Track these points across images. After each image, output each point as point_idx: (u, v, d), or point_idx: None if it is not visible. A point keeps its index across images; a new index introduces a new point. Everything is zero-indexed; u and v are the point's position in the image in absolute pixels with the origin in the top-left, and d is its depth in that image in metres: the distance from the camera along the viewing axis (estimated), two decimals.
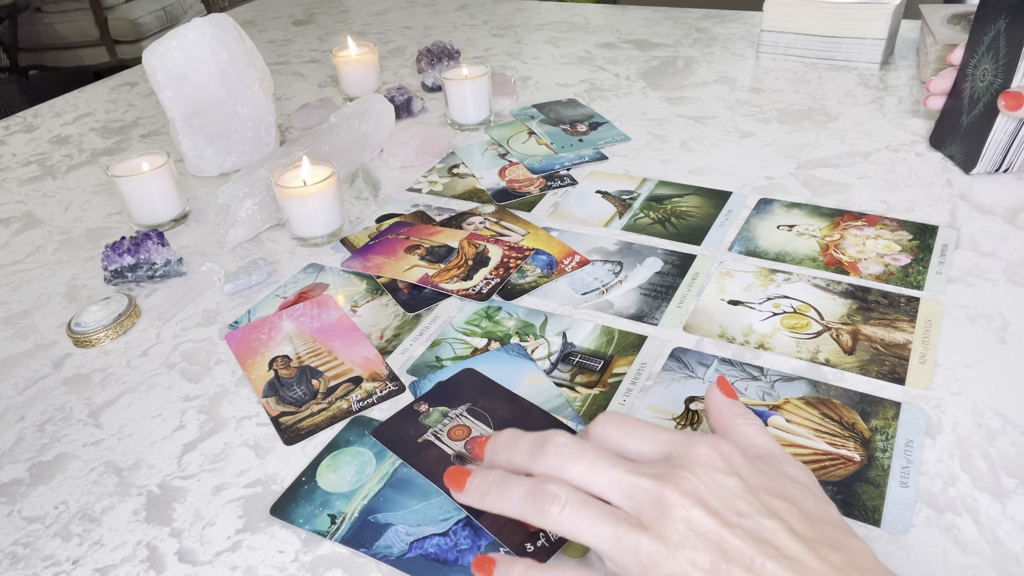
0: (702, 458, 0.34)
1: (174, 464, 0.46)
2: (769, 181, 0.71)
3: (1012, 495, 0.40)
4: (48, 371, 0.55)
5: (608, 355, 0.51)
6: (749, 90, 0.91)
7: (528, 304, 0.57)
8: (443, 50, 1.02)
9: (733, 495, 0.32)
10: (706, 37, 1.11)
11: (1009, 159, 0.67)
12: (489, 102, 0.87)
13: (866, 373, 0.48)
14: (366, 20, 1.35)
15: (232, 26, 0.79)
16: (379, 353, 0.53)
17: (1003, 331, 0.50)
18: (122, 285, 0.64)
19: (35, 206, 0.80)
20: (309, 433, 0.47)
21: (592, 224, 0.67)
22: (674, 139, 0.81)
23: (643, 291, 0.57)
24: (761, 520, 0.32)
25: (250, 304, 0.60)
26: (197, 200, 0.78)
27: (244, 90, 0.80)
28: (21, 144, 0.96)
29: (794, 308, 0.54)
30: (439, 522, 0.41)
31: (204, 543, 0.41)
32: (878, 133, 0.78)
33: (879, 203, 0.66)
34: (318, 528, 0.41)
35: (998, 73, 0.63)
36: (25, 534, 0.43)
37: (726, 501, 0.32)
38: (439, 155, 0.82)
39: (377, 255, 0.64)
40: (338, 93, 1.02)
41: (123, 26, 3.29)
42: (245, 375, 0.53)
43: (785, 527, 0.32)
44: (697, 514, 0.31)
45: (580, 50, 1.11)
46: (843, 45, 0.95)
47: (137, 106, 1.05)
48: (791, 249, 0.61)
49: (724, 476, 0.33)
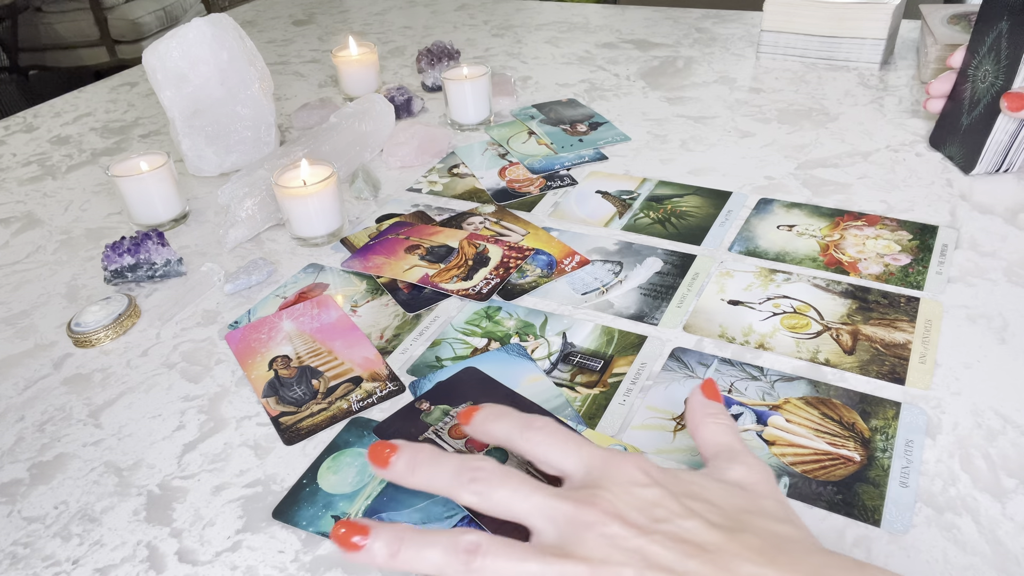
0: (621, 475, 0.34)
1: (174, 464, 0.46)
2: (769, 181, 0.71)
3: (1012, 495, 0.40)
4: (48, 371, 0.55)
5: (608, 355, 0.51)
6: (749, 90, 0.91)
7: (528, 304, 0.57)
8: (443, 50, 1.02)
9: (652, 504, 0.33)
10: (706, 37, 1.11)
11: (1009, 159, 0.67)
12: (489, 102, 0.87)
13: (866, 373, 0.48)
14: (366, 20, 1.35)
15: (232, 26, 0.79)
16: (379, 353, 0.53)
17: (1003, 331, 0.50)
18: (122, 285, 0.64)
19: (35, 206, 0.80)
20: (309, 433, 0.47)
21: (592, 224, 0.67)
22: (674, 139, 0.81)
23: (643, 291, 0.57)
24: (680, 522, 0.32)
25: (250, 304, 0.60)
26: (197, 200, 0.78)
27: (244, 90, 0.80)
28: (21, 144, 0.96)
29: (794, 308, 0.54)
30: (444, 519, 0.41)
31: (204, 543, 0.41)
32: (878, 133, 0.78)
33: (879, 203, 0.66)
34: (322, 529, 0.41)
35: (999, 74, 0.63)
36: (25, 534, 0.43)
37: (645, 511, 0.32)
38: (439, 155, 0.82)
39: (377, 255, 0.64)
40: (338, 93, 1.02)
41: (123, 26, 3.29)
42: (245, 375, 0.53)
43: (704, 523, 0.32)
44: (615, 528, 0.32)
45: (580, 50, 1.11)
46: (843, 45, 0.95)
47: (137, 106, 1.05)
48: (791, 249, 0.61)
49: (642, 488, 0.33)
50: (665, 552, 0.31)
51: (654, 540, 0.31)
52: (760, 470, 0.36)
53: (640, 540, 0.31)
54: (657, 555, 0.31)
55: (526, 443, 0.37)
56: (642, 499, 0.33)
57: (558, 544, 0.32)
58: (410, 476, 0.36)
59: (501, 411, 0.39)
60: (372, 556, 0.33)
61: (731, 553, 0.31)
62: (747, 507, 0.33)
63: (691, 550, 0.31)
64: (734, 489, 0.34)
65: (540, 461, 0.37)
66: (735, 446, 0.37)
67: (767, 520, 0.33)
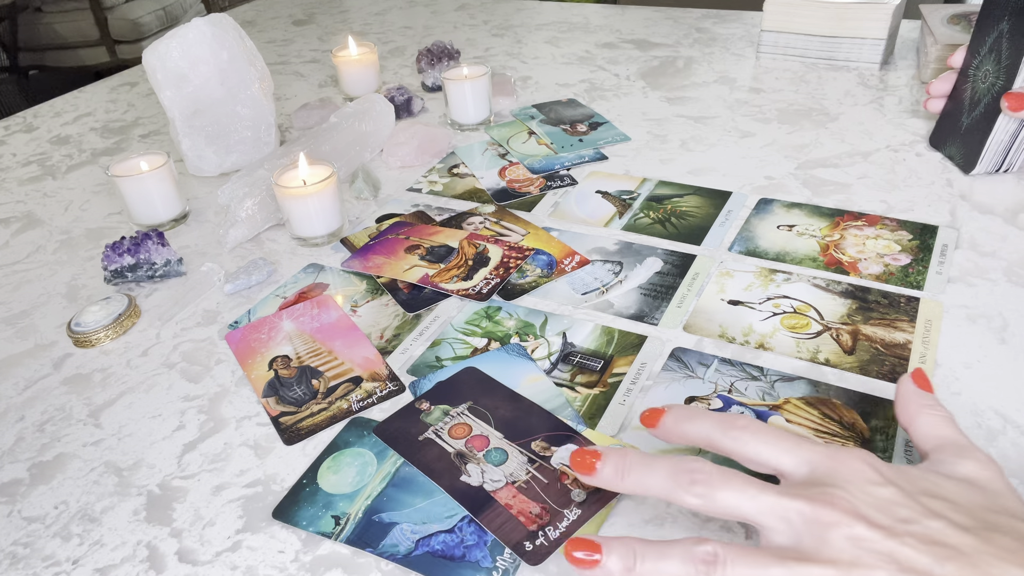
0: (852, 472, 0.33)
1: (174, 464, 0.46)
2: (769, 181, 0.71)
3: None
4: (48, 371, 0.55)
5: (608, 355, 0.51)
6: (749, 90, 0.91)
7: (528, 304, 0.57)
8: (443, 50, 1.02)
9: (892, 504, 0.31)
10: (706, 37, 1.11)
11: (1009, 159, 0.67)
12: (489, 102, 0.87)
13: (866, 373, 0.48)
14: (366, 20, 1.35)
15: (232, 26, 0.79)
16: (379, 353, 0.53)
17: (1003, 331, 0.50)
18: (122, 285, 0.64)
19: (35, 206, 0.80)
20: (309, 433, 0.47)
21: (592, 224, 0.67)
22: (674, 139, 0.81)
23: (643, 291, 0.57)
24: (927, 523, 0.31)
25: (250, 304, 0.60)
26: (197, 200, 0.78)
27: (244, 90, 0.80)
28: (21, 144, 0.96)
29: (794, 308, 0.54)
30: (444, 519, 0.41)
31: (204, 543, 0.41)
32: (878, 133, 0.78)
33: (879, 203, 0.66)
34: (322, 529, 0.41)
35: (1000, 74, 0.63)
36: (25, 534, 0.43)
37: (887, 511, 0.31)
38: (439, 155, 0.82)
39: (377, 255, 0.64)
40: (338, 93, 1.02)
41: (123, 26, 3.29)
42: (245, 375, 0.53)
43: (950, 524, 0.31)
44: (861, 530, 0.30)
45: (580, 50, 1.11)
46: (843, 45, 0.95)
47: (137, 106, 1.05)
48: (791, 249, 0.61)
49: (878, 487, 0.32)
50: (918, 556, 0.30)
51: (905, 543, 0.30)
52: (991, 466, 0.34)
53: (890, 543, 0.30)
54: (910, 558, 0.30)
55: (733, 442, 0.35)
56: (881, 499, 0.32)
57: (795, 546, 0.31)
58: (620, 481, 0.35)
59: (692, 411, 0.37)
60: (608, 573, 0.32)
61: (988, 554, 0.29)
62: (989, 506, 0.32)
63: (946, 553, 0.30)
64: (969, 486, 0.33)
65: (751, 461, 0.35)
66: (959, 440, 0.36)
67: (1014, 520, 0.31)
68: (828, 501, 0.31)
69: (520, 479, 0.42)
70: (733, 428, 0.36)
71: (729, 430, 0.36)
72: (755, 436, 0.35)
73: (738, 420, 0.36)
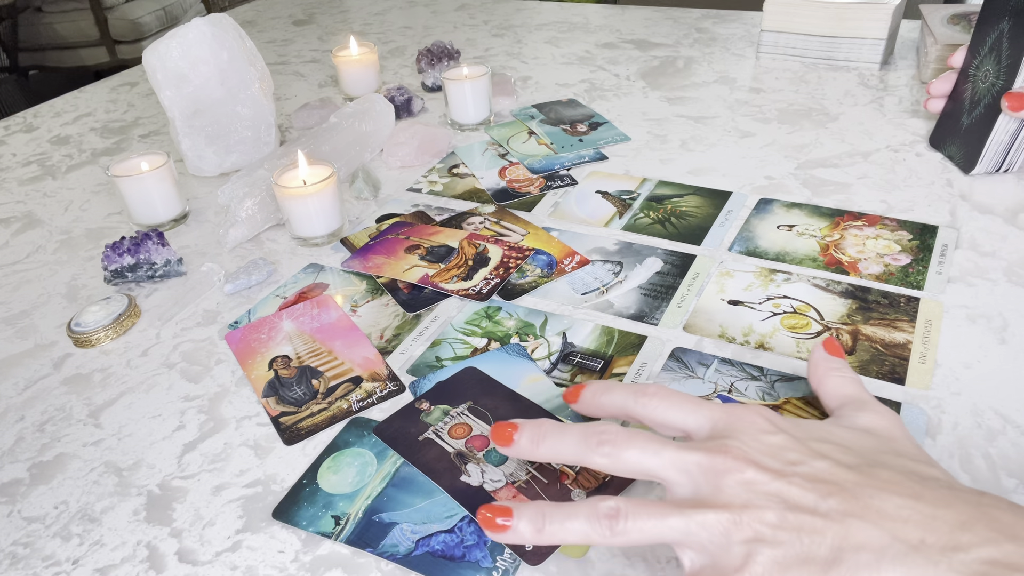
0: (747, 424, 0.35)
1: (174, 464, 0.46)
2: (769, 181, 0.71)
3: (1012, 495, 0.40)
4: (48, 371, 0.55)
5: (608, 355, 0.51)
6: (749, 90, 0.91)
7: (528, 304, 0.57)
8: (443, 50, 1.02)
9: (782, 449, 0.33)
10: (706, 37, 1.12)
11: (1009, 159, 0.67)
12: (489, 102, 0.87)
13: (866, 373, 0.48)
14: (366, 20, 1.35)
15: (232, 26, 0.79)
16: (379, 353, 0.53)
17: (1003, 331, 0.50)
18: (122, 285, 0.64)
19: (35, 206, 0.80)
20: (309, 433, 0.47)
21: (592, 224, 0.67)
22: (674, 139, 0.81)
23: (643, 291, 0.57)
24: (813, 463, 0.33)
25: (250, 304, 0.60)
26: (197, 200, 0.78)
27: (244, 90, 0.80)
28: (21, 144, 0.96)
29: (794, 308, 0.54)
30: (444, 519, 0.41)
31: (204, 543, 0.41)
32: (878, 133, 0.78)
33: (879, 203, 0.66)
34: (322, 529, 0.41)
35: (1000, 74, 0.63)
36: (25, 534, 0.43)
37: (776, 456, 0.33)
38: (439, 155, 0.82)
39: (377, 255, 0.64)
40: (338, 93, 1.02)
41: (123, 26, 3.29)
42: (245, 375, 0.53)
43: (836, 464, 0.32)
44: (751, 474, 0.32)
45: (580, 50, 1.11)
46: (843, 45, 0.95)
47: (137, 106, 1.05)
48: (791, 249, 0.61)
49: (769, 435, 0.34)
50: (803, 493, 0.31)
51: (792, 482, 0.32)
52: (889, 416, 0.36)
53: (778, 483, 0.32)
54: (796, 496, 0.31)
55: (643, 409, 0.38)
56: (771, 445, 0.34)
57: (695, 496, 0.33)
58: (535, 449, 0.37)
59: (608, 384, 0.40)
60: (519, 535, 0.34)
61: (869, 487, 0.31)
62: (880, 448, 0.34)
63: (829, 488, 0.31)
64: (865, 433, 0.35)
65: (660, 424, 0.38)
66: (861, 396, 0.38)
67: (903, 459, 0.33)
68: (722, 451, 0.33)
69: (520, 479, 0.42)
70: (643, 395, 0.38)
71: (640, 397, 0.38)
72: (663, 401, 0.38)
73: (648, 388, 0.38)
